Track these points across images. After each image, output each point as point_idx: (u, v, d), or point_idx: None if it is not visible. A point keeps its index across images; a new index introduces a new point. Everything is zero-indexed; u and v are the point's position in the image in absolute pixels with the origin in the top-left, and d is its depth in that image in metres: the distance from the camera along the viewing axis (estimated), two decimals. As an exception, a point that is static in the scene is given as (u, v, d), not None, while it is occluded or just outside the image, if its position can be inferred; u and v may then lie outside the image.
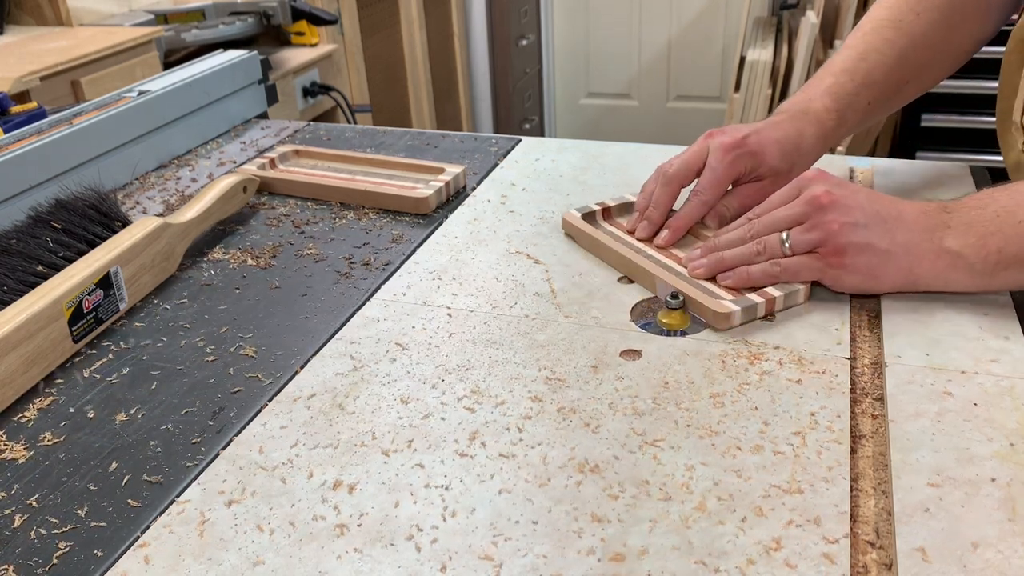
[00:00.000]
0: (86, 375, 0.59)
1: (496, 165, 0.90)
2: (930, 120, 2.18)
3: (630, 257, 0.66)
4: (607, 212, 0.75)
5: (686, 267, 0.66)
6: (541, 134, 3.24)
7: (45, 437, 0.53)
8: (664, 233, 0.70)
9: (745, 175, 0.70)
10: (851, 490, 0.46)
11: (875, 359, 0.56)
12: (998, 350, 0.56)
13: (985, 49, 0.78)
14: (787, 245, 0.61)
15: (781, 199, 0.64)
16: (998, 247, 0.57)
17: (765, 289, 0.61)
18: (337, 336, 0.61)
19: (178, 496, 0.47)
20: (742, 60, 2.41)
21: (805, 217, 0.61)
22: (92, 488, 0.48)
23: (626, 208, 0.75)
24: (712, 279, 0.64)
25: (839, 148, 2.10)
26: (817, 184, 0.61)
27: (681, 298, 0.61)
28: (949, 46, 0.75)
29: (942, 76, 0.78)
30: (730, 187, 0.71)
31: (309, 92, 1.88)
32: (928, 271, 0.59)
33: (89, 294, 0.61)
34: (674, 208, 0.71)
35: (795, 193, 0.63)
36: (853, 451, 0.49)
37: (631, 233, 0.71)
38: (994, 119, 0.78)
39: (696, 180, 0.70)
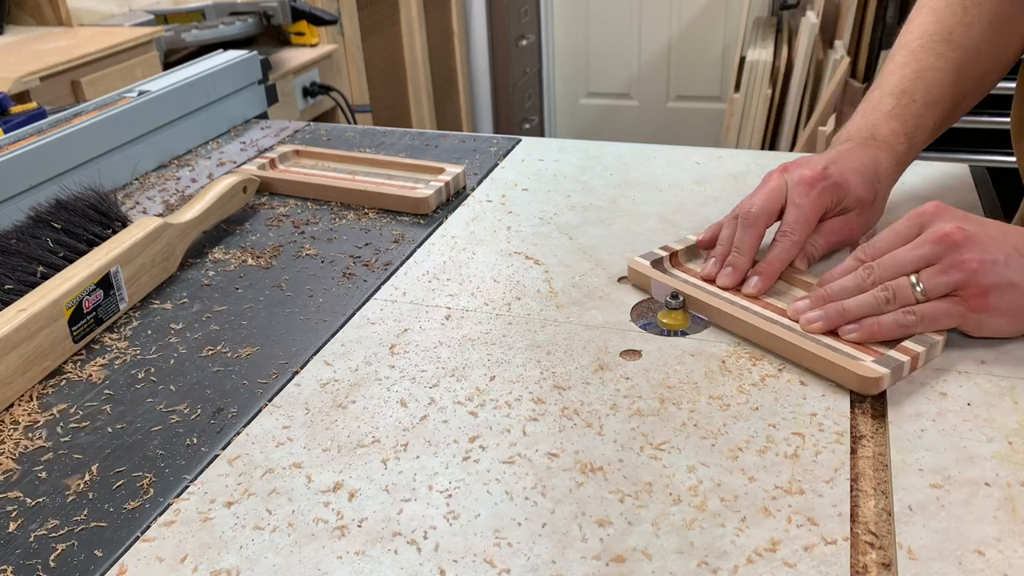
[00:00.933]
0: (86, 375, 0.59)
1: (496, 165, 0.90)
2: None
3: (744, 319, 0.58)
4: (675, 257, 0.67)
5: (794, 319, 0.58)
6: (541, 134, 3.24)
7: (44, 438, 0.53)
8: (755, 280, 0.62)
9: (832, 209, 0.64)
10: (851, 490, 0.46)
11: (875, 359, 0.56)
12: (998, 350, 0.55)
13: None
14: (919, 290, 0.54)
15: (898, 237, 0.57)
16: None
17: (903, 344, 0.54)
18: (337, 336, 0.61)
19: (178, 496, 0.47)
20: (742, 60, 2.41)
21: (936, 257, 0.54)
22: (92, 488, 0.48)
23: (693, 251, 0.68)
24: (830, 332, 0.57)
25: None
26: (944, 219, 0.55)
27: (681, 298, 0.61)
28: (1001, 51, 0.72)
29: (996, 82, 0.74)
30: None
31: (309, 92, 1.88)
32: None
33: (89, 294, 0.61)
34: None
35: (915, 230, 0.56)
36: (853, 451, 0.49)
37: (709, 281, 0.64)
38: (994, 119, 0.78)
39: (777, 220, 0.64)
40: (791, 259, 0.63)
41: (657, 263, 0.66)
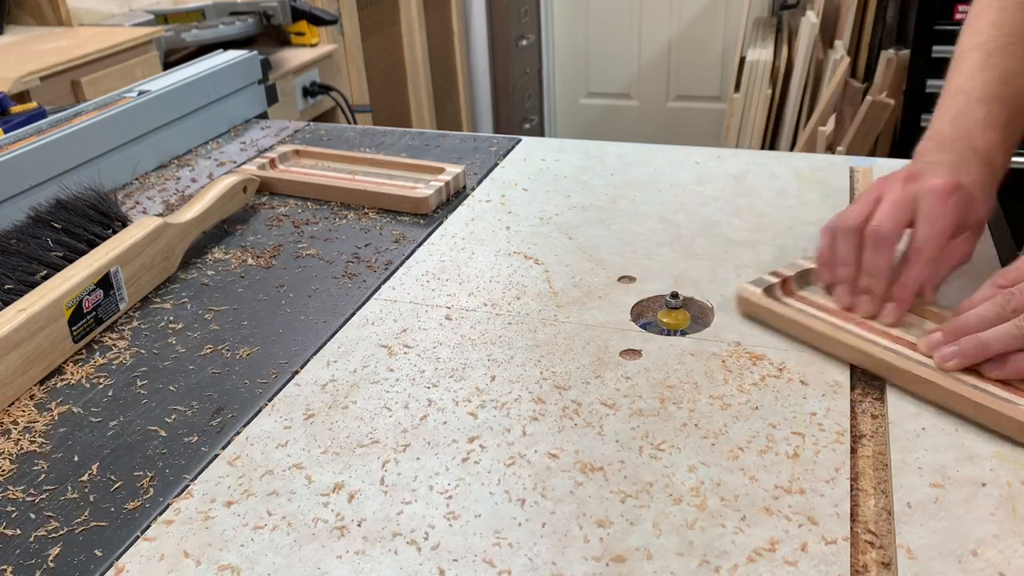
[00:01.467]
0: (86, 375, 0.59)
1: (496, 165, 0.90)
2: (930, 120, 2.18)
3: (882, 356, 0.53)
4: (786, 283, 0.62)
5: (927, 355, 0.53)
6: (541, 134, 3.24)
7: (44, 437, 0.53)
8: (890, 308, 0.57)
9: (961, 227, 0.58)
10: (851, 490, 0.46)
11: (875, 359, 0.56)
12: (998, 350, 0.55)
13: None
14: None
15: None
16: None
17: None
18: (337, 336, 0.61)
19: (178, 496, 0.47)
20: (742, 60, 2.41)
21: None
22: (91, 488, 0.48)
23: (804, 276, 0.62)
24: (969, 369, 0.51)
25: (839, 148, 2.10)
26: None
27: (681, 297, 0.61)
28: None
29: None
30: None
31: (309, 92, 1.88)
32: None
33: (89, 294, 0.61)
34: None
35: None
36: (853, 451, 0.49)
37: (848, 311, 0.59)
38: None
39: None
40: (925, 280, 0.57)
41: (769, 290, 0.60)
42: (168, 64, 1.62)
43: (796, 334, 0.58)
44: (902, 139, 2.23)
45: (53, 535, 0.45)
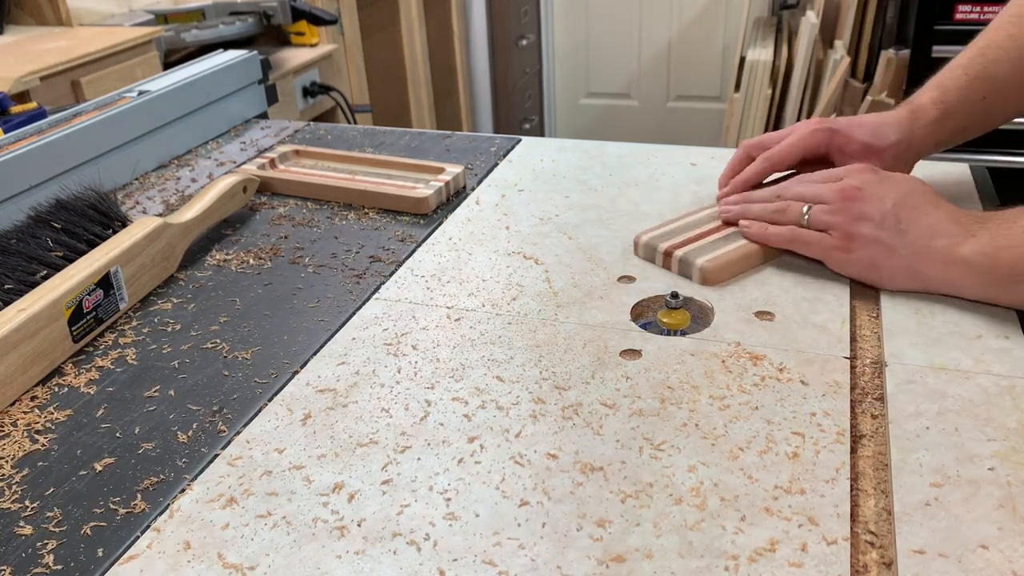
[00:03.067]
0: (86, 375, 0.59)
1: (496, 165, 0.90)
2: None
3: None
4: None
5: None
6: (541, 134, 3.24)
7: (44, 437, 0.53)
8: (726, 191, 0.74)
9: (829, 150, 0.71)
10: (851, 490, 0.46)
11: (875, 359, 0.56)
12: (998, 350, 0.55)
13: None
14: (806, 218, 0.65)
15: (825, 177, 0.67)
16: (1012, 261, 0.57)
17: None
18: (337, 336, 0.61)
19: (178, 496, 0.47)
20: (742, 60, 2.41)
21: (830, 201, 0.64)
22: (91, 488, 0.48)
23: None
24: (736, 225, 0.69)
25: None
26: (854, 176, 0.65)
27: (681, 297, 0.61)
28: None
29: None
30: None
31: (309, 92, 1.88)
32: (938, 275, 0.60)
33: (89, 294, 0.61)
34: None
35: (839, 176, 0.66)
36: (853, 451, 0.49)
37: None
38: None
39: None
40: (759, 177, 0.73)
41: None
42: (168, 64, 1.62)
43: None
44: (902, 139, 2.22)
45: (53, 535, 0.45)
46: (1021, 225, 0.57)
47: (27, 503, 0.48)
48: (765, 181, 0.74)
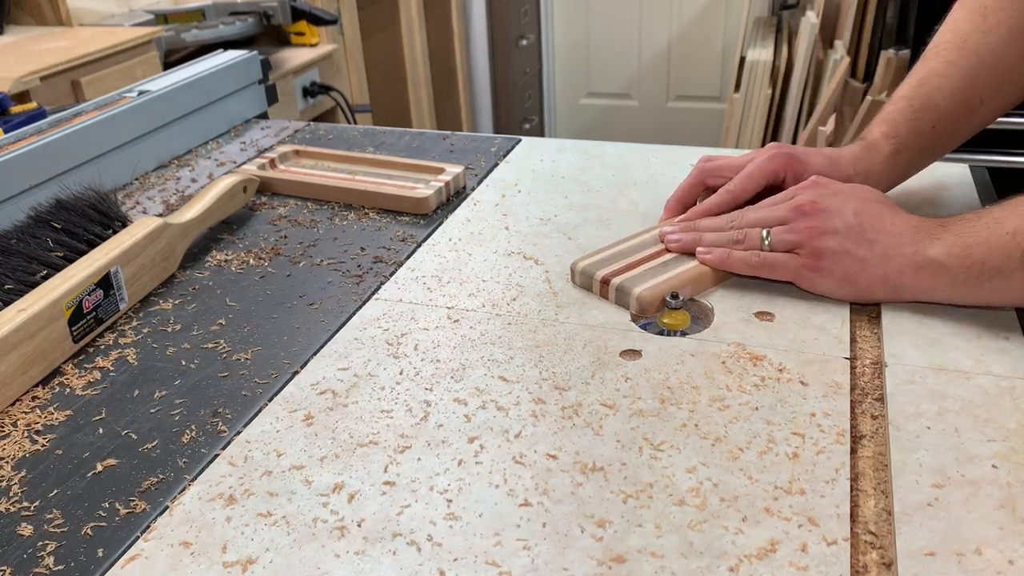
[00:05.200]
0: (86, 375, 0.59)
1: (496, 165, 0.90)
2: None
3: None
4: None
5: (661, 240, 0.67)
6: (541, 134, 3.24)
7: (44, 438, 0.53)
8: (677, 220, 0.71)
9: (787, 176, 0.69)
10: (851, 490, 0.46)
11: (875, 359, 0.56)
12: (998, 350, 0.55)
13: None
14: (767, 243, 0.63)
15: (775, 200, 0.65)
16: (982, 258, 0.56)
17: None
18: (337, 337, 0.61)
19: (178, 496, 0.47)
20: (742, 60, 2.41)
21: (788, 220, 0.63)
22: (91, 488, 0.48)
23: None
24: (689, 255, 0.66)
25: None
26: (807, 192, 0.64)
27: (681, 298, 0.61)
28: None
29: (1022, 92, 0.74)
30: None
31: (309, 92, 1.88)
32: (910, 280, 0.59)
33: (89, 294, 0.61)
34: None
35: (790, 196, 0.65)
36: (853, 451, 0.49)
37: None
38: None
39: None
40: (721, 208, 0.69)
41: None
42: (168, 64, 1.62)
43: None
44: (902, 139, 2.22)
45: (53, 535, 0.45)
46: (984, 222, 0.57)
47: (27, 503, 0.48)
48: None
